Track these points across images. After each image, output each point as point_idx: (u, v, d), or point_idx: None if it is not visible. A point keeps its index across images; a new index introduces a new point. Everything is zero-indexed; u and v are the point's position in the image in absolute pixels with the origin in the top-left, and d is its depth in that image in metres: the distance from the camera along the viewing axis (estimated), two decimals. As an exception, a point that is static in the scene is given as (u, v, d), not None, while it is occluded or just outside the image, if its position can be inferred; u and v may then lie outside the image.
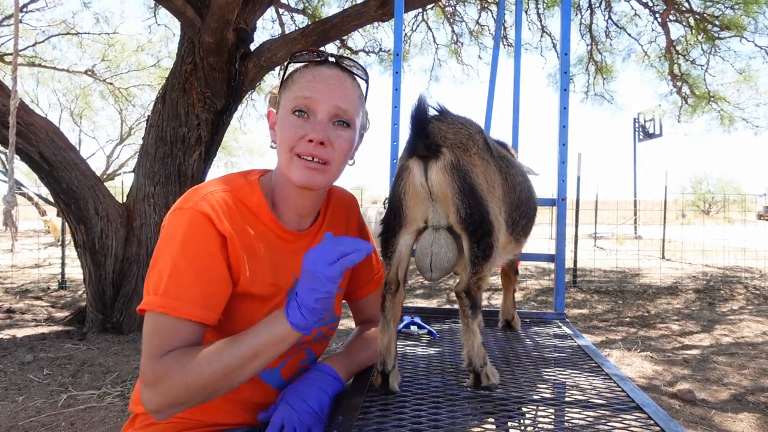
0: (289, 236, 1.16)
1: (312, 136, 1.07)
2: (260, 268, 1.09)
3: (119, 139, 20.17)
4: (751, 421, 2.99)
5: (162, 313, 0.98)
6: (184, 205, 1.04)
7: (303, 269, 0.96)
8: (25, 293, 6.81)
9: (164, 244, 1.02)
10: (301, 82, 1.10)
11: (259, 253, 1.09)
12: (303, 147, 1.08)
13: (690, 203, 28.33)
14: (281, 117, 1.12)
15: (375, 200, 18.09)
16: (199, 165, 4.76)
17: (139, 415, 1.16)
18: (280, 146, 1.11)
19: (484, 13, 8.51)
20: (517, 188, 1.17)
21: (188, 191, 1.09)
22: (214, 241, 1.02)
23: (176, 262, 0.99)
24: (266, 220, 1.12)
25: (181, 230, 1.01)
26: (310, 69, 1.12)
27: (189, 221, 1.01)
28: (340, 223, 1.27)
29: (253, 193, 1.12)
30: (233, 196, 1.09)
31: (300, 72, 1.12)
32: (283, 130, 1.09)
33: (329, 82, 1.10)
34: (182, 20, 4.50)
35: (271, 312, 1.09)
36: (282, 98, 1.13)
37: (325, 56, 1.13)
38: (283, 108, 1.12)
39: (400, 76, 1.81)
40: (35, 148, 4.18)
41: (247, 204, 1.10)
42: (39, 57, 13.67)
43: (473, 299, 1.02)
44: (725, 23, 7.11)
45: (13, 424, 2.81)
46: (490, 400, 1.02)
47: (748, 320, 5.58)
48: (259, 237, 1.10)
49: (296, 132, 1.08)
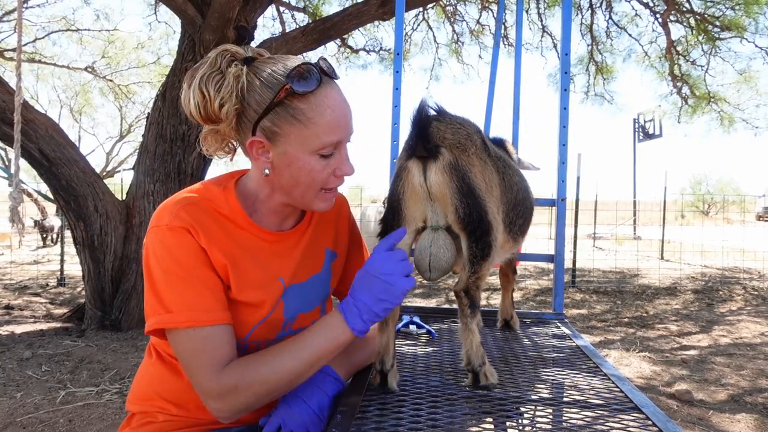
0: (272, 237, 1.12)
1: (346, 171, 1.05)
2: (245, 276, 1.06)
3: (119, 136, 20.16)
4: (748, 421, 3.00)
5: (189, 327, 0.96)
6: (159, 223, 1.00)
7: (373, 277, 0.97)
8: (23, 290, 6.81)
9: (155, 263, 0.98)
10: (321, 122, 0.98)
11: (242, 260, 1.06)
12: (335, 183, 1.06)
13: (689, 204, 28.34)
14: (298, 156, 1.00)
15: (374, 200, 18.12)
16: (199, 163, 4.76)
17: (135, 413, 1.16)
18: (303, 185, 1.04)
19: (485, 12, 8.51)
20: (514, 188, 1.18)
21: (159, 207, 1.04)
22: (201, 250, 1.00)
23: (178, 275, 0.97)
24: (244, 225, 1.08)
25: (166, 247, 0.98)
26: (320, 98, 0.99)
27: (172, 237, 0.98)
28: (329, 223, 1.24)
29: (228, 200, 1.07)
30: (206, 204, 1.05)
31: (309, 103, 0.98)
32: (307, 171, 1.02)
33: (344, 109, 1.02)
34: (183, 18, 4.49)
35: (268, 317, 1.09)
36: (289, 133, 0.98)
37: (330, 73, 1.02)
38: (298, 148, 0.99)
39: (400, 75, 1.81)
40: (35, 145, 4.18)
41: (222, 212, 1.06)
42: (39, 53, 13.65)
43: (472, 298, 1.03)
44: (726, 24, 7.11)
45: (11, 420, 2.81)
46: (489, 400, 1.02)
47: (747, 321, 5.59)
48: (238, 243, 1.06)
49: (327, 172, 1.03)
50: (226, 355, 0.98)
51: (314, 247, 1.19)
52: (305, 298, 1.16)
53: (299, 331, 1.14)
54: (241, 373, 0.96)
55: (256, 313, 1.08)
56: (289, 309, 1.12)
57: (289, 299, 1.12)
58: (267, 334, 1.11)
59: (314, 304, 1.19)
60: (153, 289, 0.98)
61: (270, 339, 1.12)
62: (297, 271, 1.14)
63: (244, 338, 1.09)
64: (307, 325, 1.15)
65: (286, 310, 1.12)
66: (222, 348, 0.98)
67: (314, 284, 1.18)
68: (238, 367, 0.97)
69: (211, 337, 0.97)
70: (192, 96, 0.99)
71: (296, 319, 1.15)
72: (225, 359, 0.97)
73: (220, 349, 0.97)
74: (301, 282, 1.15)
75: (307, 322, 1.14)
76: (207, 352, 0.97)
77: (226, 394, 0.95)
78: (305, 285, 1.16)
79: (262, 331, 1.10)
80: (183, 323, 0.96)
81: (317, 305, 1.20)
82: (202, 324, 0.96)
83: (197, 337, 0.97)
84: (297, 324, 1.15)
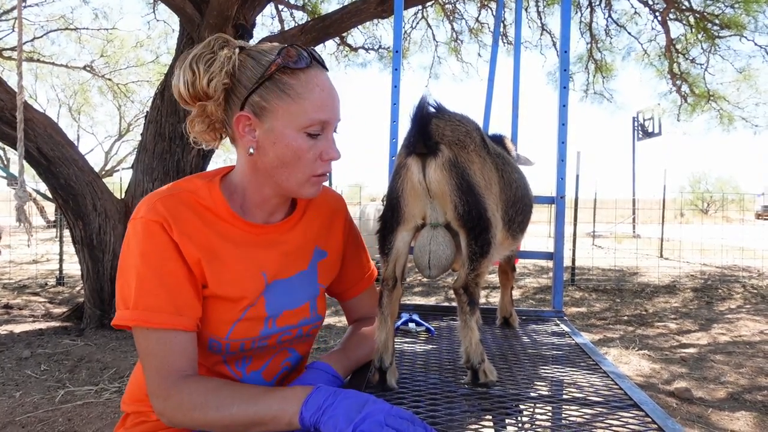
0: (257, 229, 1.10)
1: (333, 155, 1.05)
2: (224, 270, 1.04)
3: (118, 135, 20.14)
4: (747, 419, 3.00)
5: (139, 327, 0.97)
6: (136, 215, 1.01)
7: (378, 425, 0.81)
8: (22, 289, 6.81)
9: (125, 255, 1.00)
10: (310, 98, 1.00)
11: (223, 253, 1.05)
12: (323, 168, 1.05)
13: (688, 202, 28.36)
14: (285, 133, 1.01)
15: (373, 198, 18.08)
16: (198, 161, 4.76)
17: (130, 414, 1.15)
18: (290, 166, 1.03)
19: (484, 10, 8.50)
20: (513, 185, 1.18)
21: (143, 199, 1.04)
22: (172, 247, 0.99)
23: (139, 272, 0.97)
24: (226, 216, 1.07)
25: (136, 240, 0.99)
26: (310, 77, 1.01)
27: (142, 231, 0.98)
28: (322, 220, 1.22)
29: (211, 192, 1.07)
30: (188, 196, 1.04)
31: (299, 80, 1.00)
32: (294, 150, 1.02)
33: (332, 92, 1.04)
34: (181, 16, 4.49)
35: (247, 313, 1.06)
36: (277, 108, 1.00)
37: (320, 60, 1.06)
38: (286, 123, 1.00)
39: (399, 73, 1.81)
40: (33, 144, 4.17)
41: (205, 204, 1.05)
42: (37, 52, 13.63)
43: (471, 296, 1.02)
44: (725, 22, 7.11)
45: (10, 419, 2.81)
46: (488, 398, 1.02)
47: (746, 319, 5.59)
48: (220, 234, 1.05)
49: (312, 154, 1.03)
50: (176, 361, 0.97)
51: (302, 243, 1.17)
52: (290, 294, 1.13)
53: (285, 329, 1.12)
54: (189, 393, 0.94)
55: (235, 308, 1.06)
56: (271, 305, 1.10)
57: (272, 295, 1.10)
58: (249, 332, 1.08)
59: (301, 302, 1.15)
60: (120, 283, 1.00)
61: (254, 337, 1.09)
62: (282, 266, 1.12)
63: (225, 336, 1.06)
64: (293, 322, 1.13)
65: (268, 305, 1.10)
66: (172, 354, 0.97)
67: (300, 281, 1.15)
68: (193, 387, 0.95)
69: (163, 340, 0.97)
70: (182, 75, 1.01)
71: (281, 316, 1.12)
72: (175, 365, 0.97)
73: (170, 354, 0.97)
74: (286, 278, 1.13)
75: (293, 320, 1.13)
76: (157, 355, 0.96)
77: (168, 401, 0.95)
78: (291, 281, 1.14)
79: (243, 328, 1.07)
80: (136, 322, 0.96)
81: (305, 302, 1.16)
82: (154, 326, 0.96)
83: (150, 338, 0.97)
84: (282, 321, 1.12)
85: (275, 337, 1.12)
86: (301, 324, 1.16)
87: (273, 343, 1.13)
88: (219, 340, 1.06)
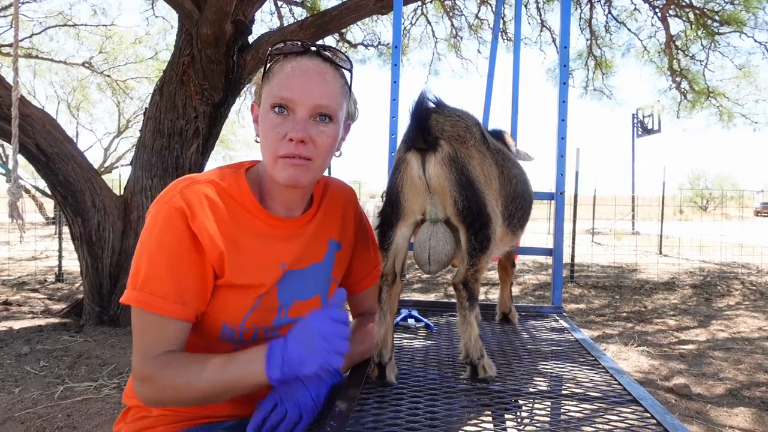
0: (279, 223, 1.14)
1: (292, 135, 1.03)
2: (245, 260, 1.07)
3: (117, 131, 20.07)
4: (746, 415, 3.01)
5: (142, 308, 1.00)
6: (163, 199, 1.03)
7: (316, 335, 0.96)
8: (22, 285, 6.80)
9: (144, 236, 1.03)
10: (279, 76, 1.06)
11: (244, 244, 1.08)
12: (285, 148, 1.04)
13: (688, 199, 28.35)
14: (262, 113, 1.08)
15: (373, 194, 18.06)
16: (197, 158, 4.74)
17: (132, 407, 1.16)
18: (263, 144, 1.08)
19: (484, 7, 8.48)
20: (513, 181, 1.17)
21: (174, 182, 1.08)
22: (188, 237, 1.01)
23: (152, 256, 1.00)
24: (252, 209, 1.10)
25: (157, 225, 1.01)
26: (290, 61, 1.06)
27: (164, 217, 1.01)
28: (335, 214, 1.25)
29: (239, 184, 1.11)
30: (217, 187, 1.08)
31: (279, 65, 1.07)
32: (264, 128, 1.07)
33: (308, 76, 1.05)
34: (180, 12, 4.47)
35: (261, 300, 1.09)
36: (263, 92, 1.09)
37: (306, 47, 1.08)
38: (263, 103, 1.08)
39: (398, 69, 1.80)
40: (32, 140, 4.16)
41: (232, 194, 1.09)
42: (36, 48, 13.58)
43: (470, 291, 1.02)
44: (725, 18, 7.09)
45: (10, 415, 2.81)
46: (487, 393, 1.02)
47: (745, 316, 5.60)
48: (244, 227, 1.08)
49: (277, 131, 1.04)
50: (164, 347, 1.01)
51: (319, 235, 1.20)
52: (303, 285, 1.16)
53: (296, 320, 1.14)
54: (160, 368, 0.99)
55: (251, 295, 1.09)
56: (283, 294, 1.13)
57: (286, 284, 1.13)
58: (262, 321, 1.12)
59: (312, 293, 1.19)
60: (135, 260, 1.03)
61: (266, 327, 1.12)
62: (299, 258, 1.15)
63: (239, 324, 1.09)
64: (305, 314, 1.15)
65: (280, 294, 1.13)
66: (163, 339, 1.01)
67: (314, 272, 1.18)
68: (164, 363, 0.99)
69: (157, 324, 1.00)
70: None
71: (292, 306, 1.15)
72: (162, 350, 1.00)
73: (161, 339, 1.00)
74: (301, 268, 1.16)
75: (304, 311, 1.14)
76: (147, 336, 1.00)
77: (146, 381, 1.00)
78: (305, 272, 1.17)
79: (257, 317, 1.10)
80: (139, 303, 1.00)
81: (316, 294, 1.20)
82: (153, 309, 0.99)
83: (145, 319, 1.00)
84: (294, 312, 1.16)
85: (287, 328, 1.14)
86: None
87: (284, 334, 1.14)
88: (233, 327, 1.09)
